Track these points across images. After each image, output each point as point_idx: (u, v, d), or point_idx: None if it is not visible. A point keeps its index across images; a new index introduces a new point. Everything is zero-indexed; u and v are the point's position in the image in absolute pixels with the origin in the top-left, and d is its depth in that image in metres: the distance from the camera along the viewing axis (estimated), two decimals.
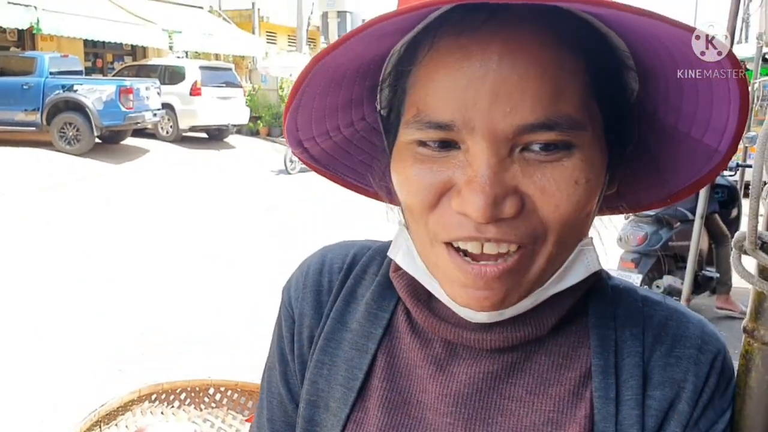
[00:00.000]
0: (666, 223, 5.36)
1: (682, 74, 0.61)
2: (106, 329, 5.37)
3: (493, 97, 0.59)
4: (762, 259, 0.58)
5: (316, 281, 0.82)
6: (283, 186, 11.23)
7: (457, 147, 0.62)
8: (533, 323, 0.70)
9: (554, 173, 0.61)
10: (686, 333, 0.70)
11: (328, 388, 0.76)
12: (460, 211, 0.61)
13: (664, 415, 0.67)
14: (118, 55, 21.62)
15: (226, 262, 7.53)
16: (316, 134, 0.76)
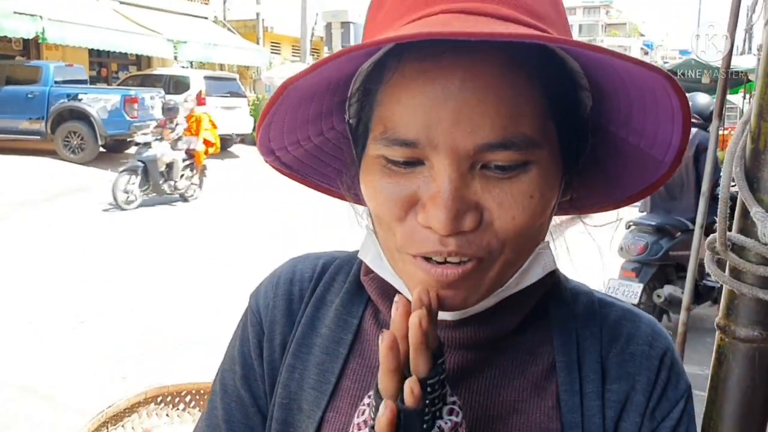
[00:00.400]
0: (667, 233, 5.39)
1: (630, 94, 0.67)
2: (107, 329, 5.42)
3: (455, 119, 0.63)
4: (732, 259, 0.62)
5: (287, 290, 0.86)
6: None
7: (422, 163, 0.66)
8: (497, 324, 0.75)
9: (511, 188, 0.65)
10: (638, 332, 0.77)
11: (300, 391, 0.79)
12: (424, 224, 0.65)
13: (622, 406, 0.73)
14: (122, 64, 21.74)
15: (226, 262, 7.57)
16: (287, 143, 0.80)
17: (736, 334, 0.63)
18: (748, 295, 0.61)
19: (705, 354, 4.82)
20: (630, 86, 0.66)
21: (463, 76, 0.63)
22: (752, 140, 0.61)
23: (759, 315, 0.62)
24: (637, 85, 0.64)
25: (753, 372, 0.63)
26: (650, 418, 0.73)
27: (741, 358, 0.63)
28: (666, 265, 5.45)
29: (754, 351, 0.62)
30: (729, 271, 0.63)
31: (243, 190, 13.58)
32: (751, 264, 0.60)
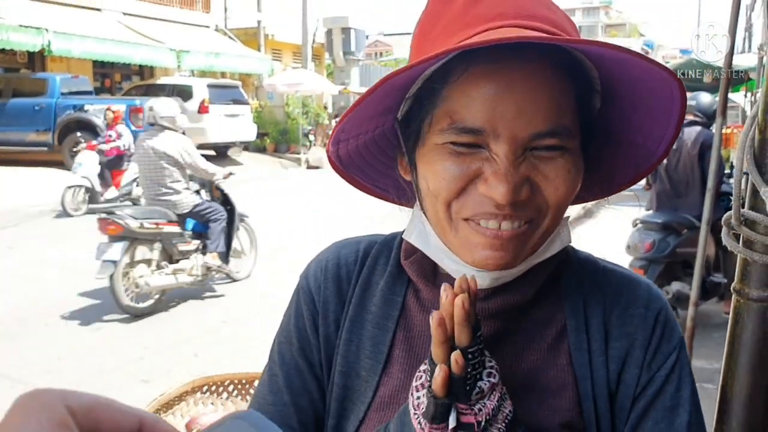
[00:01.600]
0: (673, 230, 5.47)
1: (636, 96, 0.82)
2: (126, 333, 5.53)
3: (515, 112, 0.77)
4: (745, 232, 0.73)
5: (335, 273, 0.99)
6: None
7: (482, 148, 0.79)
8: (520, 292, 0.89)
9: (555, 165, 0.80)
10: (636, 296, 0.90)
11: (357, 361, 0.93)
12: (486, 194, 0.79)
13: (623, 360, 0.87)
14: (125, 74, 21.88)
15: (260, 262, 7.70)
16: (351, 136, 0.91)
17: (749, 296, 0.74)
18: (759, 262, 0.73)
19: (713, 348, 4.92)
20: (636, 88, 0.80)
21: (522, 76, 0.77)
22: (760, 132, 0.72)
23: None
24: (647, 86, 0.78)
25: (765, 327, 0.74)
26: (647, 369, 0.86)
27: (754, 316, 0.74)
28: (673, 262, 5.53)
29: (765, 309, 0.74)
30: (742, 243, 0.75)
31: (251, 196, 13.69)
32: (761, 235, 0.72)
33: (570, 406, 0.86)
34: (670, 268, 5.52)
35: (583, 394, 0.86)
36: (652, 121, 0.85)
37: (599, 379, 0.87)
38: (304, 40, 24.59)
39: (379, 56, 60.69)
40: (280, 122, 22.14)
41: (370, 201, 1.11)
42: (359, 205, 11.40)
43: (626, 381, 0.87)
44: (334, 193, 14.67)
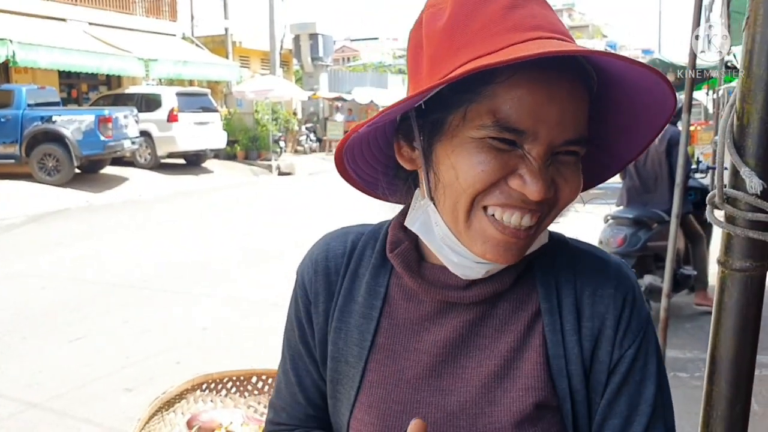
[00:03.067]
0: (644, 224, 5.60)
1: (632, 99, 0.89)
2: (105, 343, 5.52)
3: (558, 119, 0.83)
4: (727, 209, 0.81)
5: (324, 267, 1.05)
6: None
7: (516, 145, 0.84)
8: (499, 280, 0.95)
9: (573, 170, 0.88)
10: (606, 276, 0.96)
11: (346, 348, 1.00)
12: (519, 189, 0.84)
13: (595, 339, 0.94)
14: (92, 85, 21.69)
15: (235, 264, 7.71)
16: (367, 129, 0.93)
17: (733, 266, 0.82)
18: (741, 235, 0.81)
19: (685, 339, 5.06)
20: (637, 90, 0.87)
21: (563, 89, 0.83)
22: (738, 118, 0.80)
23: (749, 250, 0.81)
24: (643, 86, 0.86)
25: (747, 294, 0.82)
26: (619, 347, 0.93)
27: (738, 285, 0.82)
28: (645, 255, 5.66)
29: (747, 278, 0.82)
30: (725, 219, 0.83)
31: (224, 205, 13.65)
32: (742, 211, 0.80)
33: (542, 385, 0.92)
34: (641, 262, 5.65)
35: (557, 372, 0.93)
36: (635, 132, 0.94)
37: (573, 357, 0.93)
38: (272, 47, 24.59)
39: (347, 61, 60.68)
40: (250, 129, 22.11)
41: (343, 206, 1.18)
42: (333, 210, 11.49)
43: (600, 357, 0.93)
44: (306, 198, 14.70)
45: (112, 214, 12.12)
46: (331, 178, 15.01)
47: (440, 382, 0.95)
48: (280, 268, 8.18)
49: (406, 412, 0.95)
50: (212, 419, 1.77)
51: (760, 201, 0.79)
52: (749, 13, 0.80)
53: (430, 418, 0.94)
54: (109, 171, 16.44)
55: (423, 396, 0.95)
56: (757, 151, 0.79)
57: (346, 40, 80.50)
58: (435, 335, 0.96)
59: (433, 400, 0.95)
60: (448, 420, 0.93)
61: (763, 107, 0.78)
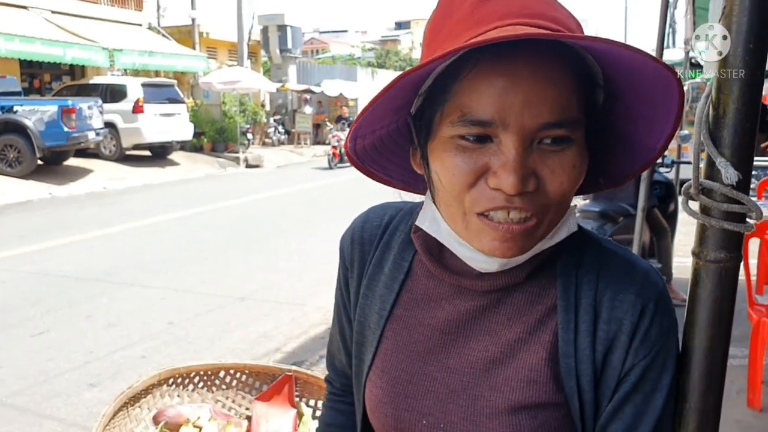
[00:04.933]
0: (610, 218, 5.66)
1: (638, 91, 0.86)
2: (68, 339, 5.43)
3: (524, 103, 0.80)
4: (703, 200, 0.81)
5: (360, 236, 1.12)
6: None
7: (490, 140, 0.83)
8: (512, 273, 0.94)
9: (561, 160, 0.84)
10: (631, 280, 0.91)
11: (369, 314, 1.06)
12: (495, 187, 0.82)
13: (610, 343, 0.90)
14: (56, 74, 21.27)
15: (209, 257, 7.63)
16: (367, 132, 0.96)
17: (707, 258, 0.82)
18: (716, 227, 0.80)
19: None
20: (636, 84, 0.85)
21: (529, 69, 0.81)
22: (714, 109, 0.80)
23: (724, 241, 0.81)
24: (646, 81, 0.83)
25: (721, 285, 0.82)
26: (634, 355, 0.89)
27: (712, 276, 0.82)
28: None
29: (721, 269, 0.81)
30: (700, 210, 0.82)
31: (190, 198, 13.52)
32: (717, 202, 0.80)
33: (544, 380, 0.91)
34: None
35: (565, 371, 0.91)
36: (653, 117, 0.89)
37: (584, 357, 0.91)
38: (240, 38, 24.37)
39: (316, 54, 60.40)
40: (217, 121, 21.91)
41: (310, 198, 1.20)
42: (299, 201, 11.47)
43: (612, 363, 0.90)
44: (274, 191, 14.60)
45: (76, 206, 11.90)
46: (299, 170, 14.92)
47: (447, 360, 0.98)
48: (246, 262, 8.12)
49: (413, 383, 0.99)
50: (179, 414, 1.74)
51: (735, 192, 0.79)
52: (725, 3, 0.79)
53: (434, 391, 0.98)
54: (72, 163, 16.17)
55: (430, 370, 0.99)
56: (732, 142, 0.79)
57: (315, 32, 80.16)
58: (448, 314, 0.99)
59: (439, 375, 0.98)
60: (450, 397, 0.96)
61: (738, 98, 0.78)
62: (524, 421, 0.91)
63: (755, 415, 4.04)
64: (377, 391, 1.02)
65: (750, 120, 0.79)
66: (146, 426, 1.75)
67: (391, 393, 1.00)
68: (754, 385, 4.10)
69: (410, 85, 0.87)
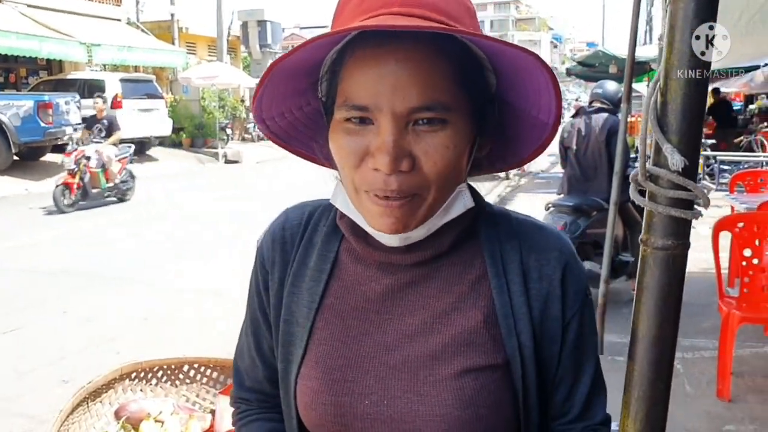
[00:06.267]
0: (583, 212, 5.69)
1: (520, 72, 0.94)
2: (39, 335, 5.37)
3: (392, 89, 0.88)
4: (650, 187, 0.80)
5: (281, 236, 1.12)
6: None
7: (371, 123, 0.91)
8: (436, 245, 1.00)
9: (434, 141, 0.91)
10: (550, 242, 1.03)
11: (297, 310, 1.06)
12: (374, 167, 0.90)
13: (545, 298, 1.00)
14: (32, 69, 20.96)
15: (174, 252, 7.56)
16: (275, 114, 1.04)
17: (655, 245, 0.81)
18: (663, 213, 0.80)
19: (622, 324, 5.15)
20: (516, 65, 0.92)
21: (397, 59, 0.88)
22: (662, 95, 0.79)
23: (671, 228, 0.80)
24: (522, 65, 0.91)
25: (669, 273, 0.81)
26: (570, 307, 1.01)
27: (659, 263, 0.81)
28: (584, 243, 5.75)
29: (669, 256, 0.81)
30: (648, 197, 0.82)
31: (167, 194, 13.43)
32: (664, 189, 0.79)
33: (484, 341, 0.98)
34: (581, 249, 5.73)
35: (506, 331, 0.98)
36: (537, 94, 0.95)
37: (522, 315, 0.99)
38: (219, 33, 24.21)
39: None
40: (196, 116, 21.76)
41: (290, 194, 1.20)
42: (281, 196, 11.45)
43: (552, 315, 1.00)
44: (252, 187, 14.54)
45: (52, 202, 11.74)
46: (279, 166, 14.84)
47: (384, 338, 1.00)
48: (222, 257, 8.07)
49: (351, 366, 1.00)
50: (141, 409, 1.72)
51: (681, 178, 0.78)
52: None
53: (373, 371, 0.99)
54: (50, 158, 15.96)
55: (367, 351, 1.00)
56: (680, 128, 0.78)
57: (296, 27, 79.88)
58: (380, 294, 1.02)
59: (377, 354, 1.00)
60: (390, 373, 0.98)
61: (686, 83, 0.77)
62: (467, 383, 0.95)
63: (725, 406, 4.08)
64: (312, 383, 1.01)
65: (697, 106, 0.78)
66: (108, 421, 1.73)
67: (328, 381, 1.00)
68: (723, 376, 4.14)
69: (307, 69, 0.97)
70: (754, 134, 15.28)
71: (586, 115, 5.99)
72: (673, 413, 0.83)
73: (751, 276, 4.33)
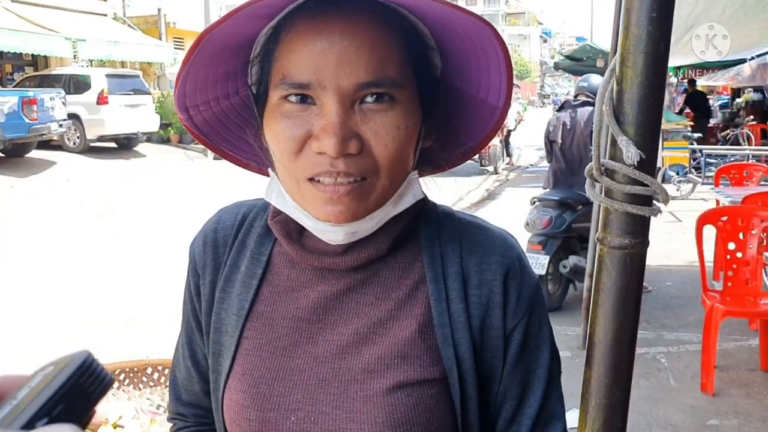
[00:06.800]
0: (569, 206, 5.66)
1: (468, 52, 0.87)
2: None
3: (337, 63, 0.80)
4: (605, 182, 0.75)
5: (213, 239, 1.03)
6: None
7: (313, 103, 0.83)
8: (375, 245, 0.92)
9: (383, 121, 0.83)
10: (492, 245, 0.95)
11: (226, 318, 0.98)
12: (318, 150, 0.82)
13: (485, 306, 0.92)
14: (17, 65, 20.77)
15: (148, 251, 7.49)
16: (199, 102, 0.93)
17: (611, 244, 0.76)
18: (619, 210, 0.74)
19: None
20: (466, 43, 0.85)
21: (342, 30, 0.81)
22: (617, 83, 0.74)
23: (628, 226, 0.75)
24: (472, 40, 0.84)
25: (626, 273, 0.76)
26: (513, 316, 0.92)
27: (616, 263, 0.76)
28: (570, 237, 5.73)
29: (626, 256, 0.75)
30: (603, 193, 0.76)
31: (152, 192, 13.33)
32: (619, 184, 0.74)
33: (419, 353, 0.90)
34: (567, 243, 5.72)
35: (442, 341, 0.90)
36: (487, 75, 0.89)
37: (459, 325, 0.91)
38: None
39: None
40: None
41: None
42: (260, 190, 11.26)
43: (493, 324, 0.92)
44: (241, 183, 14.48)
45: (38, 199, 11.63)
46: None
47: (315, 349, 0.93)
48: None
49: (279, 379, 0.93)
50: (98, 414, 1.66)
51: (638, 173, 0.73)
52: None
53: (302, 385, 0.92)
54: (35, 155, 15.81)
55: (297, 363, 0.93)
56: (636, 119, 0.73)
57: None
58: (313, 302, 0.94)
59: (307, 367, 0.92)
60: (320, 387, 0.91)
61: (642, 71, 0.72)
62: (400, 400, 0.88)
63: (708, 400, 4.06)
64: (237, 396, 0.94)
65: (654, 95, 0.73)
66: None
67: (253, 395, 0.92)
68: (707, 370, 4.12)
69: (236, 49, 0.87)
70: (740, 127, 15.31)
71: (572, 108, 5.96)
72: (657, 407, 0.79)
73: (735, 269, 4.31)
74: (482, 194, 12.41)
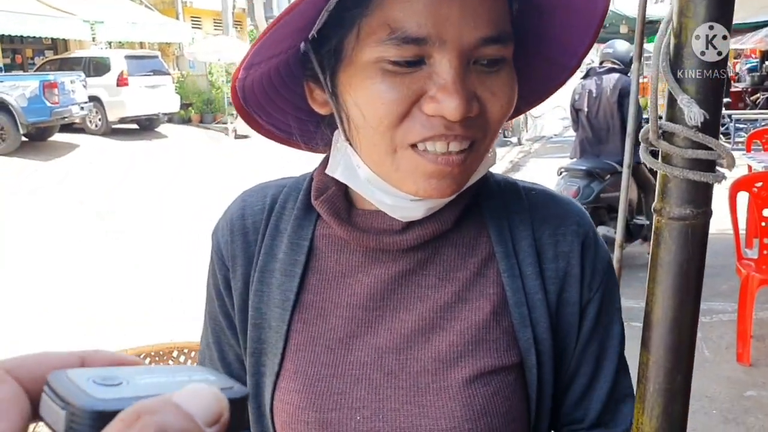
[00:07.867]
0: (597, 176, 5.56)
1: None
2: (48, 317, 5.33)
3: (461, 15, 0.70)
4: (663, 146, 0.68)
5: (241, 225, 0.93)
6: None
7: (423, 63, 0.72)
8: (440, 220, 0.83)
9: (500, 80, 0.75)
10: (566, 213, 0.88)
11: (268, 311, 0.88)
12: (434, 113, 0.72)
13: (561, 281, 0.86)
14: (38, 49, 20.84)
15: (174, 237, 7.49)
16: (263, 59, 0.78)
17: (670, 215, 0.69)
18: (680, 177, 0.67)
19: (638, 289, 5.03)
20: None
21: None
22: (675, 36, 0.66)
23: (689, 194, 0.68)
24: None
25: (687, 246, 0.69)
26: (588, 288, 0.85)
27: (677, 236, 0.69)
28: (598, 207, 5.63)
29: (687, 227, 0.68)
30: (661, 158, 0.69)
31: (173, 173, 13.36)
32: (680, 148, 0.67)
33: (497, 337, 0.83)
34: (595, 213, 5.62)
35: (519, 322, 0.83)
36: (568, 36, 0.80)
37: (537, 302, 0.84)
38: (224, 6, 23.91)
39: None
40: (204, 92, 21.58)
41: (300, 167, 1.03)
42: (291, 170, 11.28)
43: (569, 300, 0.86)
44: (263, 161, 14.48)
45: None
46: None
47: (376, 340, 0.84)
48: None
49: (338, 376, 0.84)
50: None
51: (701, 135, 0.65)
52: None
53: (365, 379, 0.83)
54: (58, 138, 15.88)
55: (357, 356, 0.84)
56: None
57: None
58: (369, 288, 0.85)
59: (369, 359, 0.84)
60: (387, 380, 0.83)
61: (704, 20, 0.65)
62: (477, 390, 0.80)
63: (744, 370, 3.97)
64: (291, 397, 0.85)
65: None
66: None
67: (310, 394, 0.83)
68: (743, 340, 4.03)
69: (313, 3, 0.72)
70: None
71: (597, 75, 5.82)
72: (692, 379, 0.72)
73: None
74: (506, 166, 12.25)
